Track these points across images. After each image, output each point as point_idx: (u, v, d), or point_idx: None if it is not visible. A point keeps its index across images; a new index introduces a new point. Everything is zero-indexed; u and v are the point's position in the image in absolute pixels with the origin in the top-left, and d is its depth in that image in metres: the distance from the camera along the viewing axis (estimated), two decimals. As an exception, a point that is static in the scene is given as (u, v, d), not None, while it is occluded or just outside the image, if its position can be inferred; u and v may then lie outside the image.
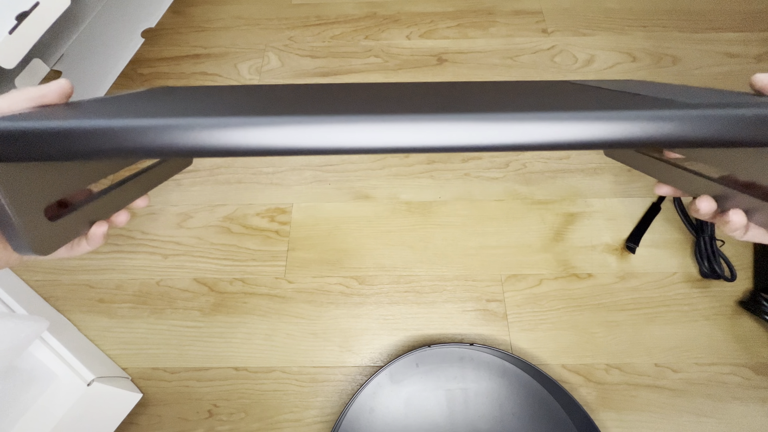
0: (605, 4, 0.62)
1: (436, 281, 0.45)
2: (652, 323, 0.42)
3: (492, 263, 0.45)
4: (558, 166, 0.50)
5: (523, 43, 0.59)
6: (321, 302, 0.44)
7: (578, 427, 0.36)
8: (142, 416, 0.40)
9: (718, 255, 0.42)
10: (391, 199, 0.49)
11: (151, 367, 0.42)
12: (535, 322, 0.42)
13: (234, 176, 0.51)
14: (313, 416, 0.40)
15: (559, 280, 0.44)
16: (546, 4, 0.63)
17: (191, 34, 0.63)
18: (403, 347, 0.42)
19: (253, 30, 0.63)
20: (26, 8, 0.34)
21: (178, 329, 0.43)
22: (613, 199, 0.48)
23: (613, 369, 0.40)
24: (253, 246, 0.47)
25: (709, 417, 0.38)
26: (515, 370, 0.39)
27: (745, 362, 0.40)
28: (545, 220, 0.47)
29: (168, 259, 0.46)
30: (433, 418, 0.38)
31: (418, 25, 0.62)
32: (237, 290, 0.45)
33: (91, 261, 0.47)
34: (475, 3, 0.64)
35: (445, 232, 0.47)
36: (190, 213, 0.49)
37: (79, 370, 0.36)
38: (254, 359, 0.42)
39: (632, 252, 0.44)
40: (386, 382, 0.39)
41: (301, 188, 0.50)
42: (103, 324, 0.44)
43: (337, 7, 0.64)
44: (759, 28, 0.57)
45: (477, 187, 0.49)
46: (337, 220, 0.48)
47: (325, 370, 0.41)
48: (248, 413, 0.40)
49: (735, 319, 0.42)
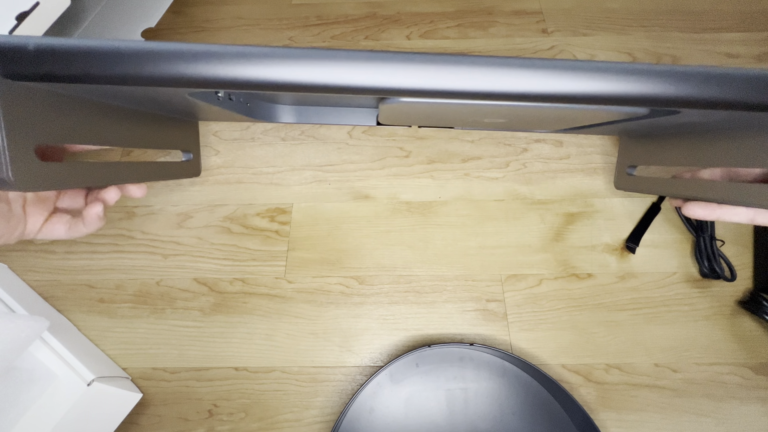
0: (605, 4, 0.62)
1: (436, 281, 0.45)
2: (652, 323, 0.42)
3: (492, 263, 0.45)
4: (558, 166, 0.50)
5: (523, 43, 0.59)
6: (321, 302, 0.44)
7: (578, 427, 0.36)
8: (142, 416, 0.40)
9: (718, 255, 0.42)
10: (391, 199, 0.49)
11: (151, 367, 0.42)
12: (535, 322, 0.42)
13: (234, 176, 0.51)
14: (313, 416, 0.40)
15: (559, 280, 0.44)
16: (546, 4, 0.63)
17: (191, 34, 0.63)
18: (403, 347, 0.42)
19: (253, 30, 0.63)
20: (26, 8, 0.34)
21: (178, 329, 0.43)
22: (613, 199, 0.48)
23: (612, 369, 0.40)
24: (253, 246, 0.47)
25: (709, 417, 0.38)
26: (515, 370, 0.39)
27: (745, 362, 0.40)
28: (545, 220, 0.47)
29: (168, 259, 0.46)
30: (433, 418, 0.38)
31: (418, 25, 0.62)
32: (237, 290, 0.45)
33: (91, 261, 0.47)
34: (475, 3, 0.64)
35: (445, 232, 0.47)
36: (190, 213, 0.49)
37: (79, 370, 0.36)
38: (254, 359, 0.42)
39: (632, 252, 0.44)
40: (386, 382, 0.39)
41: (301, 188, 0.50)
42: (103, 324, 0.44)
43: (337, 7, 0.64)
44: (759, 28, 0.57)
45: (477, 187, 0.49)
46: (337, 220, 0.48)
47: (325, 370, 0.41)
48: (248, 413, 0.40)
49: (735, 319, 0.42)
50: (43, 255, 0.47)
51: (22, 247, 0.47)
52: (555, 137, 0.52)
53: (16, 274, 0.46)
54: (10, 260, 0.47)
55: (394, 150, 0.52)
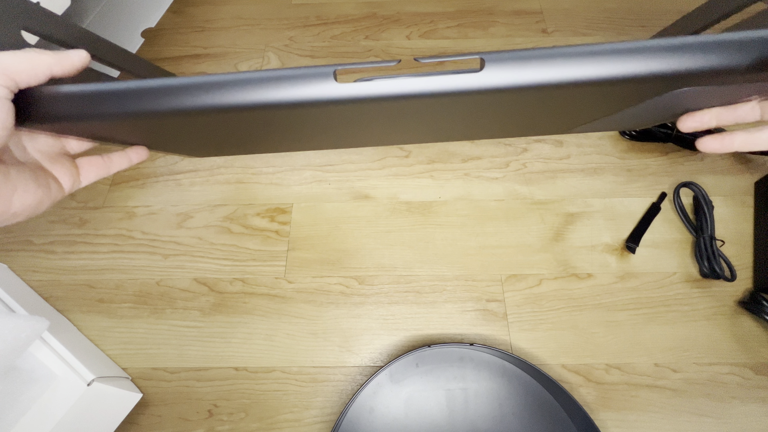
0: (605, 4, 0.62)
1: (436, 281, 0.45)
2: (652, 323, 0.42)
3: (492, 263, 0.45)
4: (558, 166, 0.50)
5: (523, 43, 0.59)
6: (321, 302, 0.44)
7: (578, 427, 0.36)
8: (142, 416, 0.40)
9: (718, 255, 0.42)
10: (391, 199, 0.49)
11: (151, 367, 0.42)
12: (535, 322, 0.42)
13: (234, 176, 0.51)
14: (313, 416, 0.40)
15: (559, 280, 0.44)
16: (546, 4, 0.63)
17: (191, 34, 0.63)
18: (403, 347, 0.42)
19: (253, 30, 0.63)
20: (26, 8, 0.34)
21: (178, 329, 0.43)
22: (613, 199, 0.48)
23: (613, 369, 0.40)
24: (253, 246, 0.47)
25: (709, 417, 0.38)
26: (515, 370, 0.39)
27: (744, 362, 0.40)
28: (545, 220, 0.47)
29: (168, 259, 0.46)
30: (433, 418, 0.38)
31: (418, 25, 0.62)
32: (237, 290, 0.45)
33: (91, 261, 0.47)
34: (475, 3, 0.64)
35: (445, 232, 0.47)
36: (190, 213, 0.49)
37: (79, 370, 0.36)
38: (254, 359, 0.42)
39: (632, 252, 0.44)
40: (386, 382, 0.39)
41: (301, 188, 0.50)
42: (103, 324, 0.44)
43: (337, 7, 0.64)
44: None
45: (477, 187, 0.49)
46: (337, 220, 0.48)
47: (325, 370, 0.41)
48: (248, 413, 0.40)
49: (735, 319, 0.42)
50: (43, 255, 0.47)
51: (22, 247, 0.47)
52: (555, 137, 0.52)
53: (16, 274, 0.46)
54: (10, 260, 0.47)
55: (394, 150, 0.52)
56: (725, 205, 0.46)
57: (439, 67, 0.17)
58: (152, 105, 0.19)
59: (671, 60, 0.18)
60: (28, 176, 0.21)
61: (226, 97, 0.18)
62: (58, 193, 0.23)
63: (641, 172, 0.49)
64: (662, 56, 0.18)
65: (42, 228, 0.48)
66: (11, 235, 0.48)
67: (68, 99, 0.19)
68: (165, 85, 0.19)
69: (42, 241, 0.48)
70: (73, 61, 0.20)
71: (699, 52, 0.18)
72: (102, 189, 0.51)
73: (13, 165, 0.21)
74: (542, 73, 0.18)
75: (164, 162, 0.52)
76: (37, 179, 0.22)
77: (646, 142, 0.50)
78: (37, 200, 0.21)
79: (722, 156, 0.49)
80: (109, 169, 0.27)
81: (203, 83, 0.19)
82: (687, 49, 0.18)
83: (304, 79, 0.18)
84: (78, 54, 0.20)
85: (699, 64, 0.18)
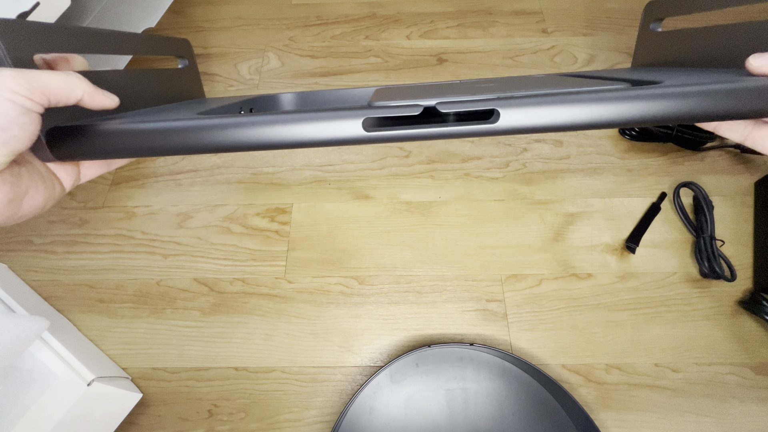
0: (605, 4, 0.62)
1: (436, 281, 0.45)
2: (652, 323, 0.42)
3: (492, 263, 0.45)
4: (558, 166, 0.50)
5: (523, 43, 0.59)
6: (321, 302, 0.44)
7: (578, 427, 0.36)
8: (142, 416, 0.40)
9: (718, 255, 0.42)
10: (391, 199, 0.49)
11: (151, 367, 0.42)
12: (535, 322, 0.42)
13: (234, 176, 0.51)
14: (313, 416, 0.40)
15: (559, 280, 0.44)
16: (546, 4, 0.63)
17: (191, 34, 0.63)
18: (403, 347, 0.42)
19: (253, 30, 0.63)
20: (26, 8, 0.34)
21: (178, 329, 0.43)
22: (613, 199, 0.48)
23: (612, 369, 0.40)
24: (253, 246, 0.47)
25: (709, 417, 0.38)
26: (515, 370, 0.39)
27: (745, 362, 0.40)
28: (545, 220, 0.47)
29: (168, 259, 0.46)
30: (433, 418, 0.38)
31: (418, 25, 0.62)
32: (237, 290, 0.45)
33: (91, 261, 0.47)
34: (475, 3, 0.64)
35: (445, 232, 0.47)
36: (190, 213, 0.49)
37: (79, 370, 0.36)
38: (254, 359, 0.42)
39: (632, 252, 0.44)
40: (386, 382, 0.39)
41: (301, 188, 0.50)
42: (103, 324, 0.44)
43: (337, 7, 0.64)
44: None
45: (477, 187, 0.49)
46: (337, 220, 0.48)
47: (325, 370, 0.41)
48: (248, 413, 0.40)
49: (735, 319, 0.42)
50: (43, 255, 0.47)
51: (22, 247, 0.47)
52: (555, 137, 0.52)
53: (16, 274, 0.46)
54: (10, 260, 0.47)
55: (394, 150, 0.52)
56: (725, 205, 0.46)
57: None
58: (189, 142, 0.21)
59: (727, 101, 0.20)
60: (37, 178, 0.22)
61: (263, 136, 0.21)
62: (61, 192, 0.24)
63: (641, 172, 0.49)
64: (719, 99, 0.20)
65: (42, 228, 0.48)
66: (11, 235, 0.48)
67: (109, 136, 0.21)
68: (202, 125, 0.20)
69: (42, 241, 0.48)
70: (104, 102, 0.21)
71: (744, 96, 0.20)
72: (102, 189, 0.51)
73: (25, 168, 0.21)
74: (558, 117, 0.20)
75: (164, 162, 0.52)
76: (44, 181, 0.22)
77: (646, 142, 0.50)
78: (44, 201, 0.22)
79: (722, 156, 0.49)
80: (110, 165, 0.27)
81: (241, 123, 0.20)
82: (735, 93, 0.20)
83: (336, 121, 0.21)
84: (112, 99, 0.22)
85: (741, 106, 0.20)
